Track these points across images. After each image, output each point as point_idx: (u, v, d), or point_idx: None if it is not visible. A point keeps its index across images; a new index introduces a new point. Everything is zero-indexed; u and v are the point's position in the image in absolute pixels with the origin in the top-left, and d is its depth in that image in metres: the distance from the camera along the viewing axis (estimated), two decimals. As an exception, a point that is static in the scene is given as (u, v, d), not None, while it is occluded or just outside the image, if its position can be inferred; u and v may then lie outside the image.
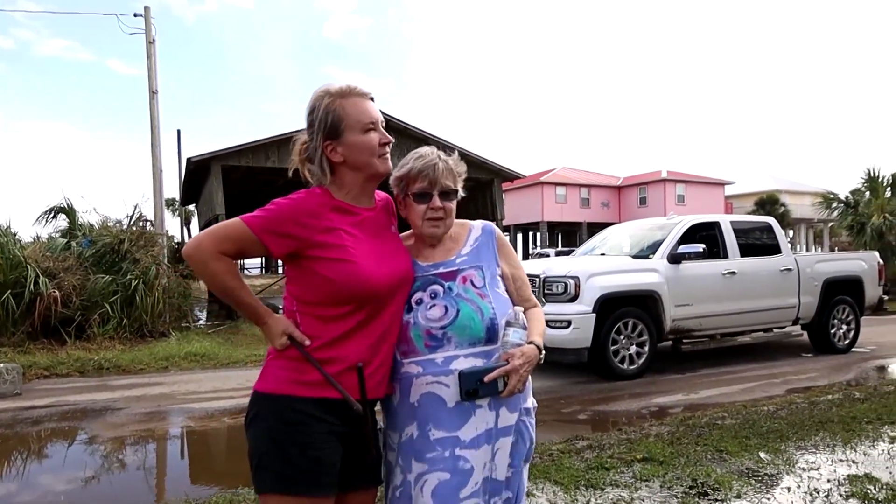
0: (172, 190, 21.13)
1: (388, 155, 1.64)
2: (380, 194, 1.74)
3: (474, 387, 1.55)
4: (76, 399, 6.11)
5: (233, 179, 16.47)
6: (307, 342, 1.53)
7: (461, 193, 1.75)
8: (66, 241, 11.38)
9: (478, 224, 1.81)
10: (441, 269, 1.69)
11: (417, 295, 1.65)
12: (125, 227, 11.64)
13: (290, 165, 1.70)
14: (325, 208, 1.57)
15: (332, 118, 1.58)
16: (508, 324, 1.62)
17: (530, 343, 1.64)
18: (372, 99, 1.63)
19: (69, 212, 12.16)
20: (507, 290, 1.73)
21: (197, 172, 16.22)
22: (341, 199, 1.61)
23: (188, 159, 15.61)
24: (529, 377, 1.67)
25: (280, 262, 1.64)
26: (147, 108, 13.13)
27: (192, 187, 19.31)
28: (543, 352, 1.67)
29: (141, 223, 12.18)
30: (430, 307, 1.62)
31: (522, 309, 1.68)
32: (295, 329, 1.55)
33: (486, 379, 1.55)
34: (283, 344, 1.54)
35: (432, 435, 1.58)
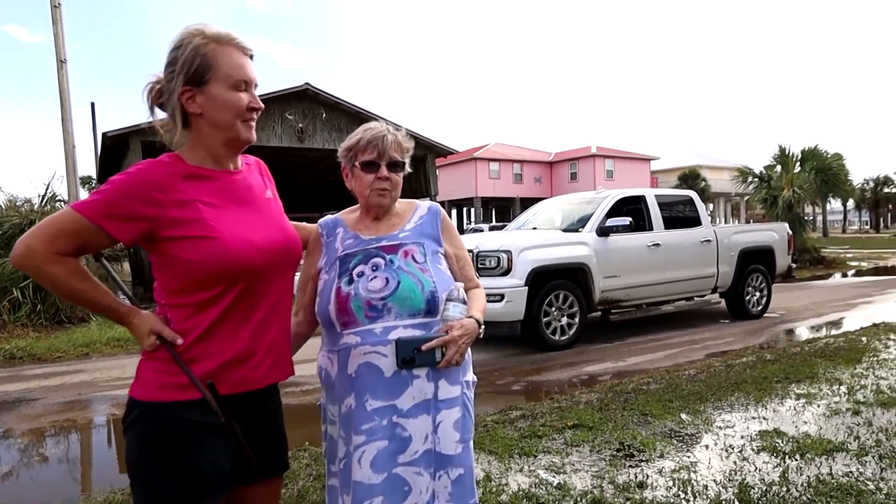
0: (89, 167, 19.95)
1: (254, 123, 1.46)
2: (249, 158, 1.59)
3: (411, 355, 1.55)
4: (-14, 391, 5.73)
5: (155, 156, 15.67)
6: (179, 340, 1.37)
7: (408, 168, 1.77)
8: (-32, 222, 10.54)
9: (424, 204, 1.85)
10: (384, 243, 1.70)
11: (359, 268, 1.65)
12: (36, 206, 10.90)
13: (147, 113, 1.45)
14: (175, 178, 1.37)
15: (199, 62, 1.37)
16: (448, 299, 1.64)
17: (470, 317, 1.66)
18: (251, 58, 1.46)
19: (-30, 191, 11.25)
20: (450, 270, 1.75)
21: (114, 148, 15.32)
22: (196, 164, 1.41)
23: (104, 134, 14.69)
24: (469, 352, 1.69)
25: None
26: (55, 79, 12.24)
27: (110, 164, 18.23)
28: (483, 327, 1.70)
29: (55, 203, 11.44)
30: (372, 279, 1.62)
31: (463, 285, 1.72)
32: (164, 327, 1.39)
33: (423, 347, 1.56)
34: (152, 344, 1.38)
35: (369, 405, 1.57)
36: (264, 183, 1.59)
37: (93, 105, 21.52)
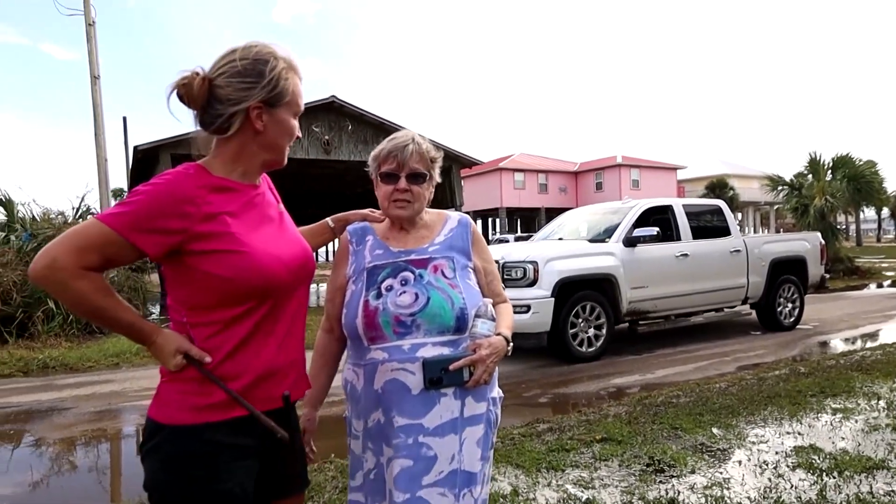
0: (120, 180, 20.41)
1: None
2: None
3: (438, 375, 1.52)
4: (19, 400, 5.85)
5: (183, 169, 15.93)
6: (207, 359, 1.31)
7: (436, 179, 1.74)
8: (3, 234, 10.87)
9: (454, 215, 1.80)
10: (413, 256, 1.66)
11: (388, 281, 1.61)
12: (69, 219, 11.18)
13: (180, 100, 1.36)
14: (203, 190, 1.32)
15: (281, 86, 1.39)
16: (477, 315, 1.60)
17: (498, 335, 1.62)
18: None
19: (6, 204, 11.59)
20: (478, 284, 1.71)
21: (145, 161, 15.65)
22: (222, 176, 1.37)
23: (135, 148, 15.03)
24: (496, 368, 1.65)
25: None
26: (89, 94, 12.59)
27: (141, 177, 18.60)
28: (511, 344, 1.66)
29: (88, 215, 11.73)
30: (401, 293, 1.59)
31: (492, 301, 1.68)
32: (190, 345, 1.32)
33: (451, 367, 1.53)
34: (178, 364, 1.31)
35: (396, 422, 1.55)
36: (275, 196, 1.57)
37: (125, 119, 22.05)
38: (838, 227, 21.30)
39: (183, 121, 1.42)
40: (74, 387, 6.37)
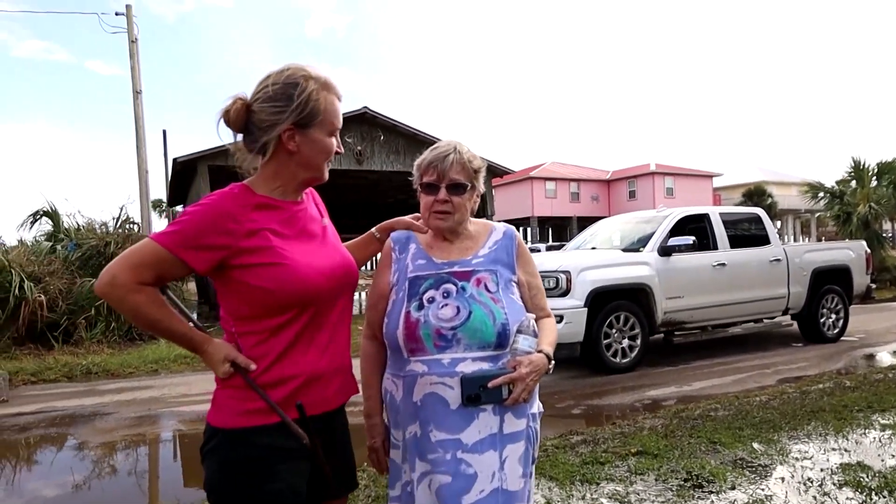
0: (160, 191, 21.00)
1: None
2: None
3: (476, 392, 1.50)
4: (64, 405, 6.03)
5: (220, 180, 16.35)
6: (252, 366, 1.40)
7: (480, 189, 1.71)
8: (50, 244, 11.29)
9: (500, 227, 1.77)
10: (456, 268, 1.63)
11: (430, 293, 1.59)
12: (111, 229, 11.52)
13: (221, 126, 1.47)
14: (246, 208, 1.41)
15: (311, 107, 1.43)
16: (518, 331, 1.57)
17: (539, 352, 1.58)
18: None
19: (53, 215, 12.03)
20: (521, 297, 1.68)
21: (183, 173, 16.06)
22: (265, 194, 1.46)
23: (174, 160, 15.43)
24: (537, 384, 1.60)
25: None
26: (131, 108, 13.00)
27: (180, 188, 19.12)
28: (553, 362, 1.62)
29: (128, 226, 12.07)
30: (442, 306, 1.57)
31: (534, 317, 1.64)
32: (238, 354, 1.41)
33: (490, 385, 1.50)
34: (227, 372, 1.40)
35: (433, 436, 1.53)
36: (319, 212, 1.63)
37: (164, 132, 22.68)
38: (884, 235, 20.58)
39: (224, 139, 1.49)
40: (116, 392, 6.54)
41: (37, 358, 8.15)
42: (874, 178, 18.47)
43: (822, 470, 3.44)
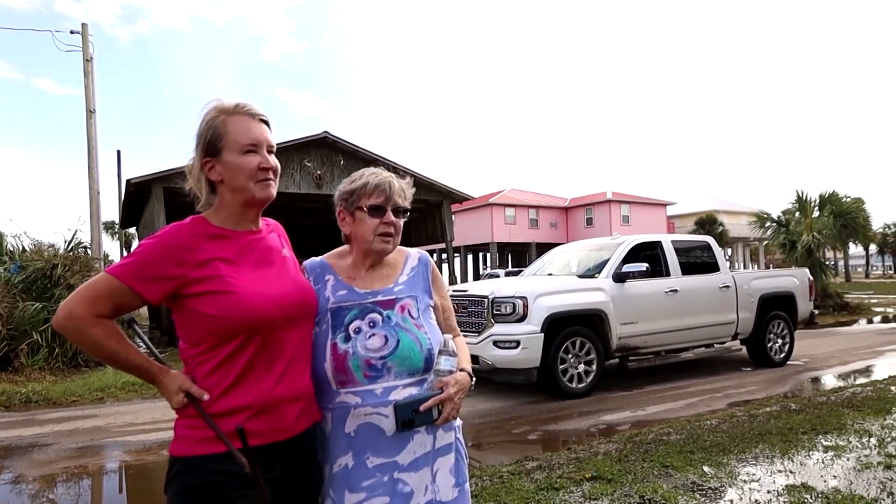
0: (112, 213, 20.39)
1: (272, 181, 1.53)
2: (269, 221, 1.68)
3: (410, 417, 1.55)
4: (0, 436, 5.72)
5: (175, 202, 16.02)
6: (205, 396, 1.42)
7: (407, 216, 1.77)
8: (-8, 266, 10.77)
9: (414, 252, 1.83)
10: (380, 297, 1.67)
11: (356, 323, 1.61)
12: (61, 251, 11.12)
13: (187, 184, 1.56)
14: (200, 238, 1.46)
15: (211, 134, 1.49)
16: (440, 352, 1.64)
17: (461, 370, 1.67)
18: (265, 122, 1.55)
19: (-4, 236, 11.53)
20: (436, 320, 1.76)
21: (137, 195, 15.65)
22: (219, 225, 1.51)
23: (128, 181, 15.04)
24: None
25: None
26: (84, 128, 12.67)
27: (133, 210, 18.62)
28: (474, 379, 1.71)
29: (80, 248, 11.67)
30: (370, 336, 1.59)
31: (451, 337, 1.72)
32: (192, 384, 1.44)
33: (421, 408, 1.56)
34: (180, 402, 1.43)
35: (370, 462, 1.56)
36: (281, 243, 1.66)
37: (118, 153, 22.13)
38: (826, 262, 21.50)
39: (180, 158, 1.55)
40: (57, 422, 6.24)
41: (-28, 386, 7.72)
42: (816, 208, 19.34)
43: (768, 492, 3.53)
